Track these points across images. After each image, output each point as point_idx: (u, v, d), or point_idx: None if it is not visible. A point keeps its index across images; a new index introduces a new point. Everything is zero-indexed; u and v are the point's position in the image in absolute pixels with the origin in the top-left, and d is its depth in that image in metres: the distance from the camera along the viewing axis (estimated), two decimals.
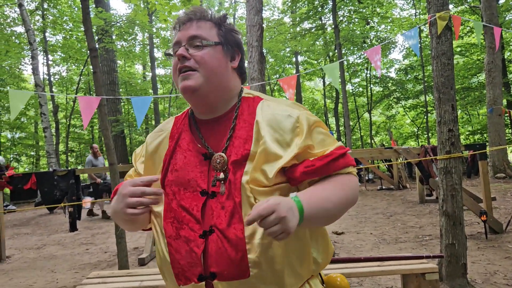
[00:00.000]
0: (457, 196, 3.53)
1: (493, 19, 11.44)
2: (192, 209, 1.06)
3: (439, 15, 3.55)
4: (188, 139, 1.16)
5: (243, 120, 1.13)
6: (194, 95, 1.11)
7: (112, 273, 2.93)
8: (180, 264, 1.05)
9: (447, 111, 3.54)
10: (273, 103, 1.15)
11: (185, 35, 1.13)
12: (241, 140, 1.09)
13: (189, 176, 1.10)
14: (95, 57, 4.03)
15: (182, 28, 1.16)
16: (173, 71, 1.16)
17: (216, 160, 1.08)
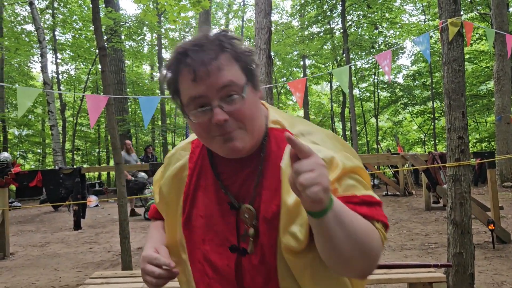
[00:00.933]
0: (466, 205, 3.47)
1: (503, 26, 11.36)
2: (223, 268, 0.94)
3: (451, 21, 3.51)
4: (211, 180, 1.00)
5: (271, 162, 0.95)
6: (239, 154, 0.93)
7: (116, 273, 2.91)
8: None
9: (457, 118, 3.49)
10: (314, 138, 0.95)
11: (212, 86, 0.87)
12: (270, 191, 0.92)
13: (218, 228, 0.96)
14: (104, 56, 4.02)
15: (198, 77, 0.87)
16: (201, 130, 0.91)
17: (244, 213, 0.94)
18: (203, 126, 0.90)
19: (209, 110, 0.88)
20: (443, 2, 3.60)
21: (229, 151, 0.91)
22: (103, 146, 23.07)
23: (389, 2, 17.25)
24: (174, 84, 0.93)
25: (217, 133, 0.89)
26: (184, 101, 0.92)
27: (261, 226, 0.92)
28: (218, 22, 25.92)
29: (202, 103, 0.89)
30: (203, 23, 16.06)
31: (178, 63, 0.91)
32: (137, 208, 10.28)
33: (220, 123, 0.87)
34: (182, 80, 0.90)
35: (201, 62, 0.87)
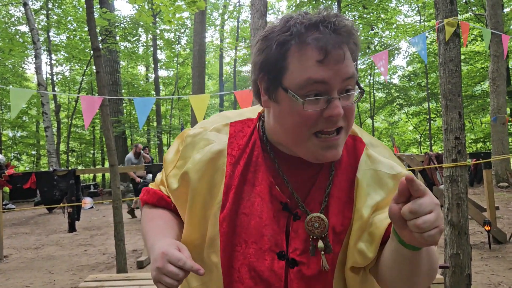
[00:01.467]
0: (463, 206, 3.46)
1: (498, 27, 11.41)
2: (270, 277, 0.82)
3: (447, 21, 3.50)
4: (263, 175, 0.87)
5: (342, 171, 0.87)
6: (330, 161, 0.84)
7: (110, 276, 2.87)
8: None
9: (454, 119, 3.48)
10: (378, 151, 0.90)
11: (339, 76, 0.76)
12: (340, 202, 0.86)
13: (266, 231, 0.84)
14: (99, 56, 3.99)
15: (328, 59, 0.75)
16: (300, 121, 0.78)
17: (313, 223, 0.83)
18: (309, 118, 0.77)
19: (326, 101, 0.77)
20: (440, 3, 3.60)
21: (329, 158, 0.80)
22: (98, 147, 22.96)
23: (385, 3, 17.29)
24: (280, 59, 0.78)
25: (324, 129, 0.78)
26: (294, 82, 0.77)
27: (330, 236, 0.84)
28: (213, 22, 25.89)
29: (320, 91, 0.77)
30: (198, 24, 16.04)
31: (300, 35, 0.76)
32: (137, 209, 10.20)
33: (338, 118, 0.77)
34: (301, 57, 0.76)
35: (335, 43, 0.75)
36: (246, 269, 0.83)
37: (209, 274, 0.85)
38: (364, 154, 0.88)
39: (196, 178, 0.87)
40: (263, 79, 0.83)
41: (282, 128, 0.82)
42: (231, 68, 27.13)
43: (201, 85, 15.68)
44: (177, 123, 24.01)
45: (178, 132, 20.92)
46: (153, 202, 1.00)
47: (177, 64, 22.80)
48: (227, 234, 0.84)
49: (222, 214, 0.85)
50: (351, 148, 0.90)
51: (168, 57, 23.96)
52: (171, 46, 21.75)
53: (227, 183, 0.86)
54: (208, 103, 4.80)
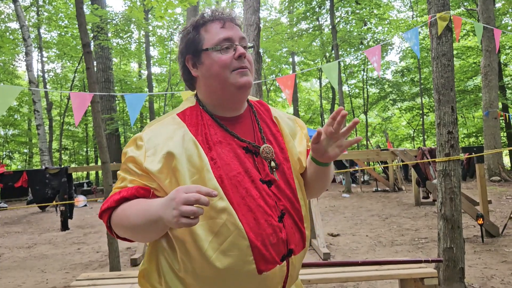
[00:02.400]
0: (456, 199, 3.47)
1: (490, 22, 11.46)
2: (263, 197, 1.11)
3: (440, 16, 3.50)
4: (221, 134, 1.16)
5: (261, 117, 1.27)
6: (247, 91, 1.18)
7: (103, 274, 2.84)
8: (264, 252, 1.07)
9: (446, 113, 3.49)
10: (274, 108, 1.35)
11: (237, 35, 1.19)
12: (270, 134, 1.24)
13: (245, 167, 1.13)
14: (89, 53, 3.94)
15: (226, 25, 1.19)
16: (221, 65, 1.15)
17: (265, 151, 1.18)
18: (225, 60, 1.15)
19: (231, 48, 1.16)
20: None
21: (244, 83, 1.16)
22: (91, 145, 22.82)
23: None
24: (197, 35, 1.19)
25: (237, 65, 1.15)
26: (210, 43, 1.17)
27: (277, 159, 1.20)
28: None
29: (228, 44, 1.16)
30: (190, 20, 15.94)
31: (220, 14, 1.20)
32: None
33: (243, 55, 1.16)
34: (210, 29, 1.19)
35: (227, 18, 1.20)
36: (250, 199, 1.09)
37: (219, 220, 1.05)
38: (270, 107, 1.33)
39: (178, 152, 1.09)
40: (189, 58, 1.21)
41: (211, 79, 1.17)
42: None
43: None
44: None
45: None
46: (132, 194, 1.09)
47: (170, 60, 22.66)
48: (223, 182, 1.07)
49: (214, 169, 1.09)
50: (259, 105, 1.31)
51: (161, 53, 23.81)
52: (163, 42, 21.61)
53: (204, 147, 1.11)
54: None
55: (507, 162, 17.65)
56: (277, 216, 1.11)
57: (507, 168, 14.72)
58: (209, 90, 1.20)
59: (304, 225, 1.19)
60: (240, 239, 1.05)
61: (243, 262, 1.05)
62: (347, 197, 10.88)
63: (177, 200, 0.91)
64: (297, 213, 1.18)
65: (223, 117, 1.20)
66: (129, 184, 1.10)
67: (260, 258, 1.06)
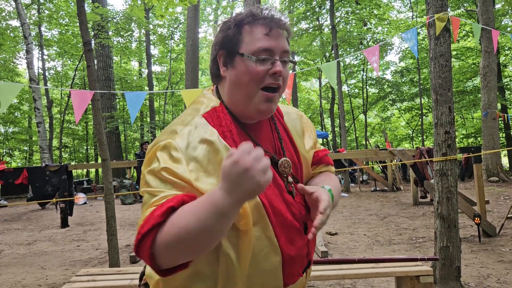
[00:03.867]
0: (453, 199, 3.51)
1: (489, 23, 11.49)
2: (291, 210, 1.09)
3: (438, 16, 3.53)
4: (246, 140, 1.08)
5: (279, 122, 1.21)
6: (266, 116, 1.11)
7: (102, 270, 2.87)
8: (290, 265, 1.07)
9: (444, 113, 3.52)
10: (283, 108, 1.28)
11: (279, 47, 1.07)
12: (287, 143, 1.19)
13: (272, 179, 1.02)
14: (89, 50, 3.97)
15: (272, 33, 1.06)
16: (252, 77, 1.04)
17: (283, 165, 1.12)
18: (258, 73, 1.04)
19: (269, 61, 1.05)
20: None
21: (267, 111, 1.08)
22: (91, 143, 22.84)
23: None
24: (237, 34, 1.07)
25: (269, 83, 1.05)
26: (248, 48, 1.05)
27: (295, 169, 1.16)
28: (207, 18, 25.78)
29: (267, 55, 1.05)
30: (191, 19, 15.96)
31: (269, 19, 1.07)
32: (125, 204, 10.20)
33: (279, 74, 1.05)
34: (253, 32, 1.06)
35: (276, 24, 1.07)
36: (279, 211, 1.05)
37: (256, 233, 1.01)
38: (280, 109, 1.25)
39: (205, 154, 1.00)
40: (222, 54, 1.10)
41: (238, 88, 1.07)
42: None
43: (194, 81, 15.62)
44: (171, 118, 23.93)
45: None
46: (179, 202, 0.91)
47: (171, 59, 22.69)
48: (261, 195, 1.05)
49: None
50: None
51: (161, 52, 23.84)
52: (164, 41, 21.63)
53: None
54: None
55: (506, 162, 17.68)
56: (303, 228, 1.10)
57: (505, 169, 14.76)
58: (232, 97, 1.09)
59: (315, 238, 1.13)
60: (274, 254, 1.02)
61: (273, 276, 1.04)
62: (346, 197, 10.92)
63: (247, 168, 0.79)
64: (311, 224, 1.12)
65: (244, 123, 1.12)
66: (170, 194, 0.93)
67: (288, 272, 1.06)
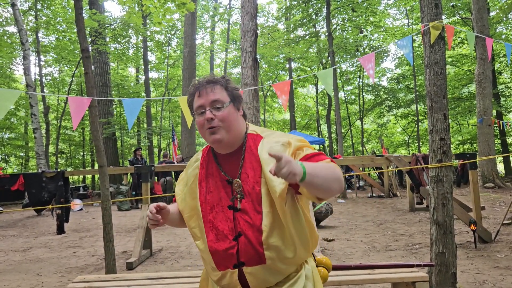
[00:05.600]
0: (448, 205, 3.53)
1: (484, 30, 11.59)
2: (226, 220, 1.47)
3: (433, 25, 3.58)
4: (214, 168, 1.56)
5: (250, 152, 1.52)
6: (220, 144, 1.49)
7: (99, 277, 2.87)
8: (219, 257, 1.47)
9: (439, 120, 3.55)
10: (270, 138, 1.52)
11: (207, 100, 1.49)
12: (251, 169, 1.48)
13: (220, 196, 1.51)
14: (87, 57, 3.98)
15: (201, 94, 1.51)
16: (199, 126, 1.51)
17: (235, 184, 1.49)
18: (200, 123, 1.50)
19: (204, 113, 1.49)
20: (425, 6, 3.67)
21: (213, 141, 1.48)
22: (87, 149, 22.77)
23: (373, 6, 17.45)
24: (192, 100, 1.56)
25: (207, 126, 1.47)
26: (193, 109, 1.54)
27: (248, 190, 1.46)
28: (204, 25, 25.89)
29: (201, 110, 1.50)
30: (188, 26, 16.03)
31: (195, 86, 1.54)
32: (121, 211, 10.14)
33: (208, 119, 1.46)
34: (194, 97, 1.54)
35: (203, 86, 1.52)
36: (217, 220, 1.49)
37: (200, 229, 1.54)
38: (261, 141, 1.52)
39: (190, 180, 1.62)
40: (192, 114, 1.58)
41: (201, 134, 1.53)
42: (222, 70, 27.10)
43: None
44: (168, 124, 23.92)
45: (168, 134, 20.82)
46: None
47: (168, 66, 22.74)
48: (202, 205, 1.53)
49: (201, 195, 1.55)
50: (255, 139, 1.54)
51: (158, 58, 23.88)
52: (161, 47, 21.68)
53: (199, 177, 1.58)
54: None
55: (501, 168, 17.76)
56: (233, 235, 1.46)
57: (500, 175, 14.82)
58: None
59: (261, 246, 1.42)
60: (206, 245, 1.50)
61: (209, 259, 1.51)
62: (342, 203, 10.93)
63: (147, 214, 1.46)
64: (258, 236, 1.42)
65: (219, 154, 1.57)
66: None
67: (217, 261, 1.48)
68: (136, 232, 5.82)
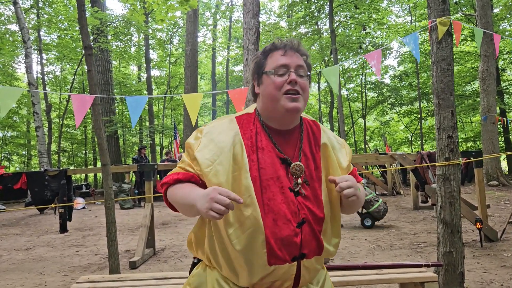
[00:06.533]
0: (456, 204, 3.48)
1: (488, 27, 11.51)
2: (287, 203, 1.29)
3: (440, 21, 3.52)
4: (267, 143, 1.36)
5: (307, 136, 1.42)
6: (296, 115, 1.36)
7: (103, 277, 2.84)
8: (277, 247, 1.26)
9: (446, 117, 3.50)
10: (326, 130, 1.49)
11: (294, 63, 1.35)
12: (310, 152, 1.39)
13: (278, 174, 1.31)
14: (90, 55, 3.94)
15: (287, 53, 1.36)
16: (274, 87, 1.33)
17: (296, 167, 1.33)
18: (278, 83, 1.33)
19: (286, 74, 1.34)
20: (432, 2, 3.61)
21: (292, 108, 1.32)
22: (90, 147, 22.78)
23: (376, 3, 17.37)
24: (263, 59, 1.40)
25: (287, 89, 1.32)
26: (269, 67, 1.36)
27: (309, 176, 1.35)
28: (205, 22, 25.82)
29: (284, 70, 1.34)
30: (190, 23, 15.97)
31: (283, 43, 1.39)
32: (124, 209, 10.14)
33: (294, 81, 1.32)
34: (273, 55, 1.38)
35: (291, 48, 1.38)
36: (275, 202, 1.28)
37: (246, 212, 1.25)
38: (322, 129, 1.48)
39: (227, 149, 1.31)
40: (254, 78, 1.43)
41: (266, 97, 1.36)
42: (224, 68, 27.07)
43: (193, 85, 15.62)
44: (170, 122, 23.90)
45: (170, 132, 20.80)
46: (186, 178, 1.36)
47: (170, 63, 22.70)
48: (255, 183, 1.28)
49: (251, 170, 1.29)
50: (311, 125, 1.47)
51: (160, 56, 23.84)
52: (163, 45, 21.65)
53: (248, 150, 1.32)
54: (200, 103, 4.78)
55: (505, 166, 17.69)
56: (296, 222, 1.28)
57: (505, 173, 14.75)
58: (264, 106, 1.39)
59: (322, 237, 1.34)
60: (259, 233, 1.25)
61: (258, 252, 1.25)
62: None
63: (211, 197, 1.15)
64: (318, 225, 1.33)
65: (272, 128, 1.39)
66: (187, 167, 1.37)
67: (271, 253, 1.25)
68: (139, 231, 5.79)
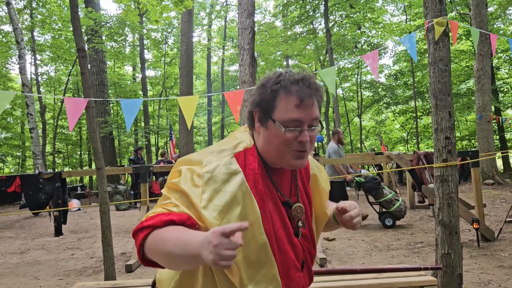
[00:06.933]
0: (454, 205, 3.46)
1: (482, 26, 11.53)
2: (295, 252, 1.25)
3: (437, 21, 3.50)
4: (268, 186, 1.24)
5: (299, 172, 1.35)
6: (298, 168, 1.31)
7: (98, 284, 2.79)
8: None
9: (444, 118, 3.48)
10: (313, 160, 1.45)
11: (309, 117, 1.18)
12: (303, 190, 1.33)
13: (284, 222, 1.23)
14: (84, 57, 3.89)
15: (304, 105, 1.16)
16: (283, 142, 1.18)
17: (297, 210, 1.27)
18: (288, 140, 1.17)
19: (300, 131, 1.17)
20: (429, 2, 3.59)
21: (298, 165, 1.22)
22: (85, 148, 22.64)
23: (371, 2, 17.37)
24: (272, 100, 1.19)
25: (297, 148, 1.18)
26: (280, 117, 1.17)
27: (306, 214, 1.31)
28: (200, 22, 25.72)
29: (296, 124, 1.16)
30: (185, 23, 15.90)
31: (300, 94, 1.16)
32: (119, 210, 10.09)
33: (305, 142, 1.17)
34: (286, 101, 1.16)
35: (308, 95, 1.17)
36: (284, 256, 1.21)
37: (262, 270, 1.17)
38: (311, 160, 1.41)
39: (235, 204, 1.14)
40: (257, 112, 1.22)
41: (270, 145, 1.21)
42: (219, 68, 26.99)
43: (188, 85, 15.55)
44: (165, 123, 23.81)
45: (166, 132, 20.71)
46: (180, 220, 1.10)
47: (165, 64, 22.59)
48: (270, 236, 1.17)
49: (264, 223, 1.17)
50: None
51: (155, 57, 23.74)
52: (158, 45, 21.54)
53: (259, 203, 1.17)
54: (196, 104, 4.74)
55: (500, 165, 17.76)
56: (300, 265, 1.27)
57: (500, 171, 14.81)
58: (265, 149, 1.24)
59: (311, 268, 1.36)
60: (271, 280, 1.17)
61: None
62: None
63: (214, 244, 0.92)
64: (312, 258, 1.33)
65: (271, 168, 1.27)
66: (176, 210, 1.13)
67: None
68: None
